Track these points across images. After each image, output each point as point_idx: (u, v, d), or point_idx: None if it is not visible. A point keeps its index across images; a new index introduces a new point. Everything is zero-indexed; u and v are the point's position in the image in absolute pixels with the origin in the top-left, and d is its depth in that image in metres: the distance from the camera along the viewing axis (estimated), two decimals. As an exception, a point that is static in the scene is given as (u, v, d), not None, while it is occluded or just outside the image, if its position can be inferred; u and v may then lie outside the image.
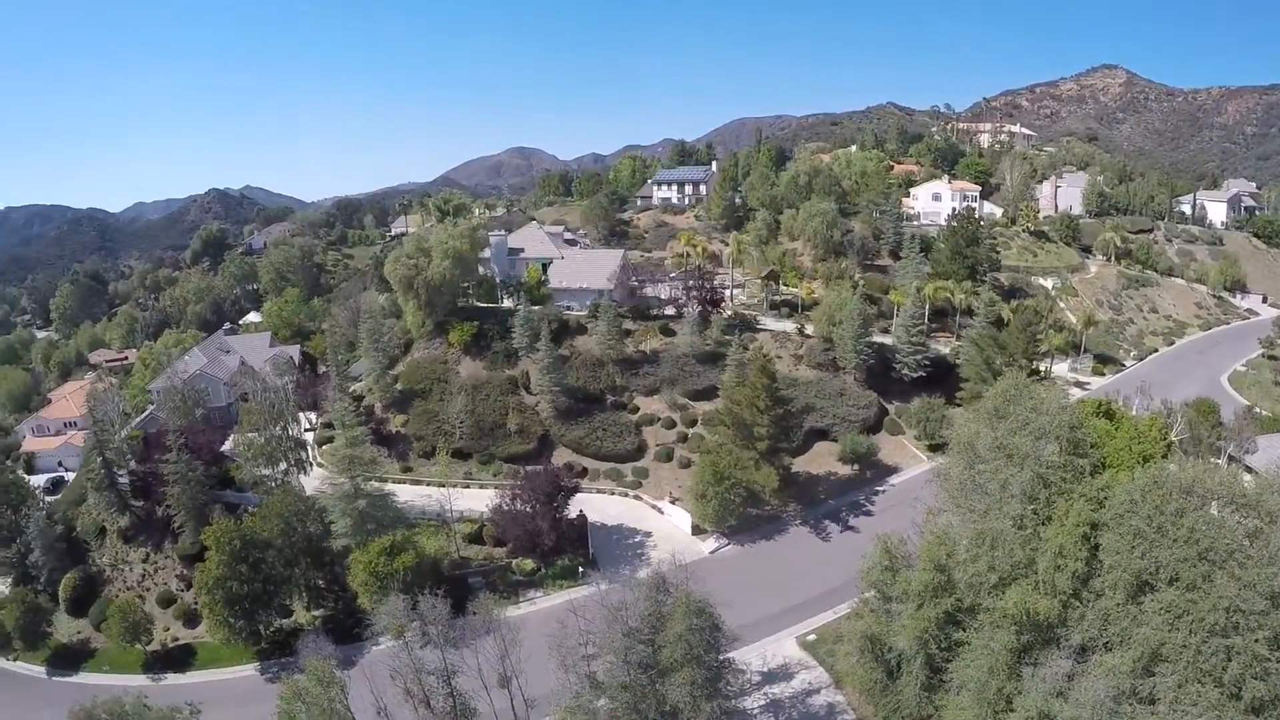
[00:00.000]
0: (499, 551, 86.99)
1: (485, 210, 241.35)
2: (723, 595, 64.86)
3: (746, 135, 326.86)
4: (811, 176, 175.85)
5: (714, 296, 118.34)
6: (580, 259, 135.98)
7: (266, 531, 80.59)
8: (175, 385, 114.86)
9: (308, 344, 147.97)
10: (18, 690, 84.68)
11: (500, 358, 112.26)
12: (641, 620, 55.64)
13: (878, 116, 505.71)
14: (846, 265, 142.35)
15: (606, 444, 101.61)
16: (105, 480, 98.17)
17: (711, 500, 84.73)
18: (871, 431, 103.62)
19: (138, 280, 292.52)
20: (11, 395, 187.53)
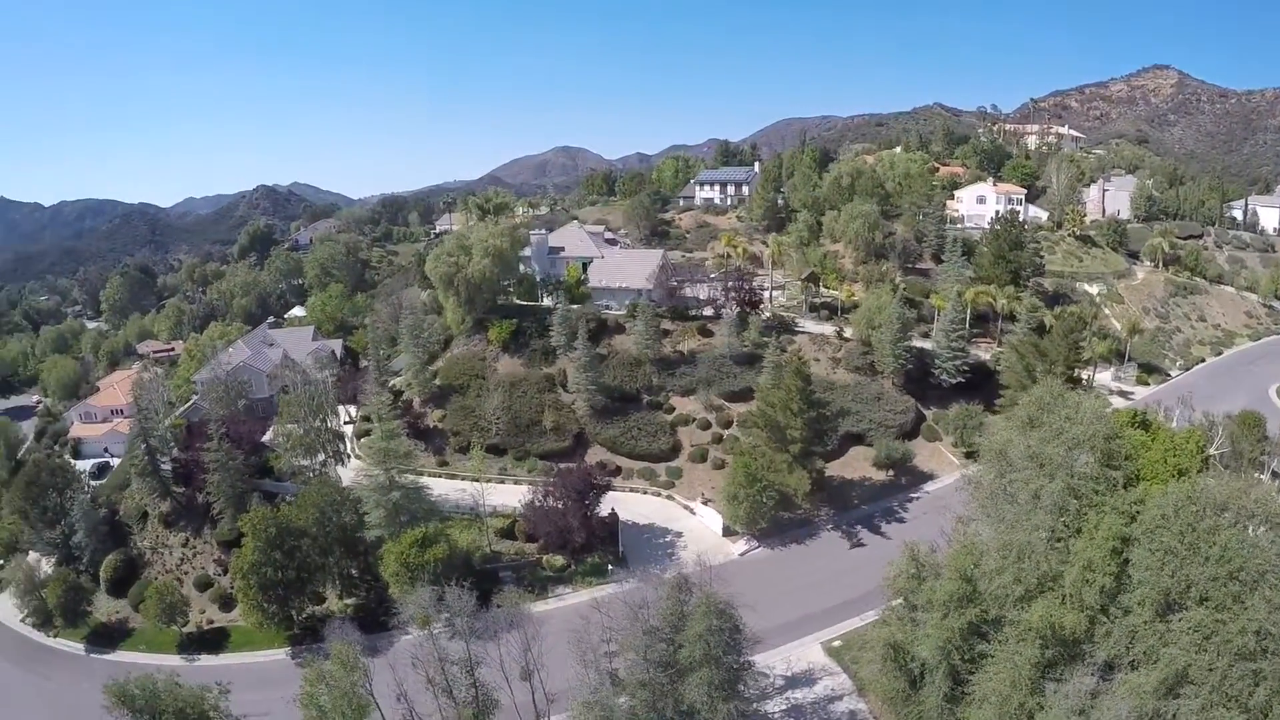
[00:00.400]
0: (530, 547, 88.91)
1: (529, 209, 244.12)
2: (749, 597, 65.72)
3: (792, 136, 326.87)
4: (854, 178, 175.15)
5: (752, 298, 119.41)
6: (620, 258, 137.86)
7: (302, 520, 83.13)
8: (219, 376, 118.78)
9: (350, 339, 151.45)
10: (57, 665, 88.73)
11: (538, 355, 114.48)
12: (663, 619, 56.76)
13: (924, 118, 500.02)
14: (887, 268, 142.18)
15: (641, 443, 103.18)
16: (148, 466, 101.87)
17: (743, 502, 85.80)
18: (908, 437, 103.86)
19: (186, 274, 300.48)
20: (62, 383, 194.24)
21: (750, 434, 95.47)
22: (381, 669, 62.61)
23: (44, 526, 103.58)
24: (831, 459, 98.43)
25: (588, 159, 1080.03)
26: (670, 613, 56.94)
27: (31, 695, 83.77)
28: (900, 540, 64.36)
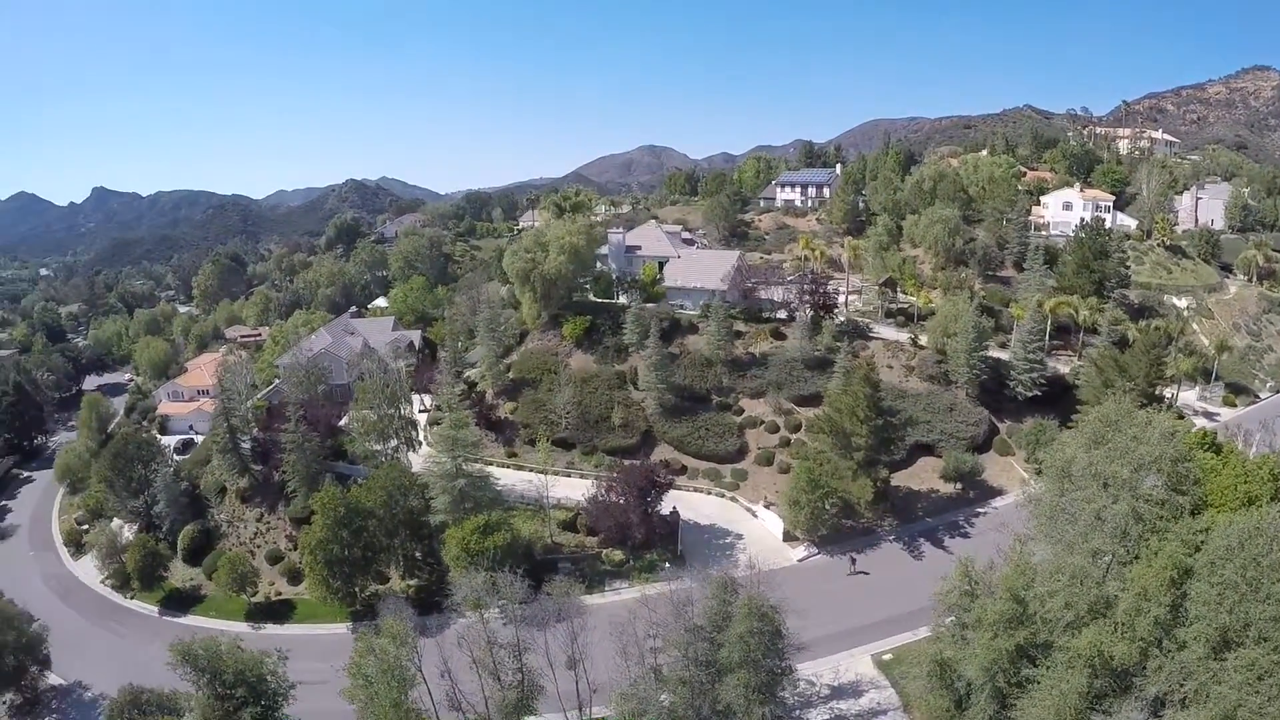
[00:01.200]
0: (591, 541, 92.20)
1: (611, 207, 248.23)
2: (803, 604, 67.21)
3: (879, 138, 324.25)
4: (936, 181, 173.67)
5: (826, 301, 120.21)
6: (696, 258, 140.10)
7: (370, 502, 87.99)
8: (300, 362, 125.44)
9: (430, 330, 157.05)
10: (131, 625, 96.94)
11: (610, 353, 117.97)
12: (706, 618, 58.90)
13: (1013, 120, 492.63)
14: (967, 275, 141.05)
15: (708, 444, 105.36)
16: (229, 444, 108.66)
17: (804, 508, 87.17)
18: (979, 450, 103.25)
19: (274, 263, 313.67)
20: (153, 363, 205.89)
21: (816, 439, 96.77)
22: (432, 648, 66.10)
23: (128, 496, 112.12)
24: (899, 469, 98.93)
25: (673, 158, 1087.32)
26: (714, 612, 58.99)
27: (104, 650, 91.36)
28: (962, 556, 64.75)
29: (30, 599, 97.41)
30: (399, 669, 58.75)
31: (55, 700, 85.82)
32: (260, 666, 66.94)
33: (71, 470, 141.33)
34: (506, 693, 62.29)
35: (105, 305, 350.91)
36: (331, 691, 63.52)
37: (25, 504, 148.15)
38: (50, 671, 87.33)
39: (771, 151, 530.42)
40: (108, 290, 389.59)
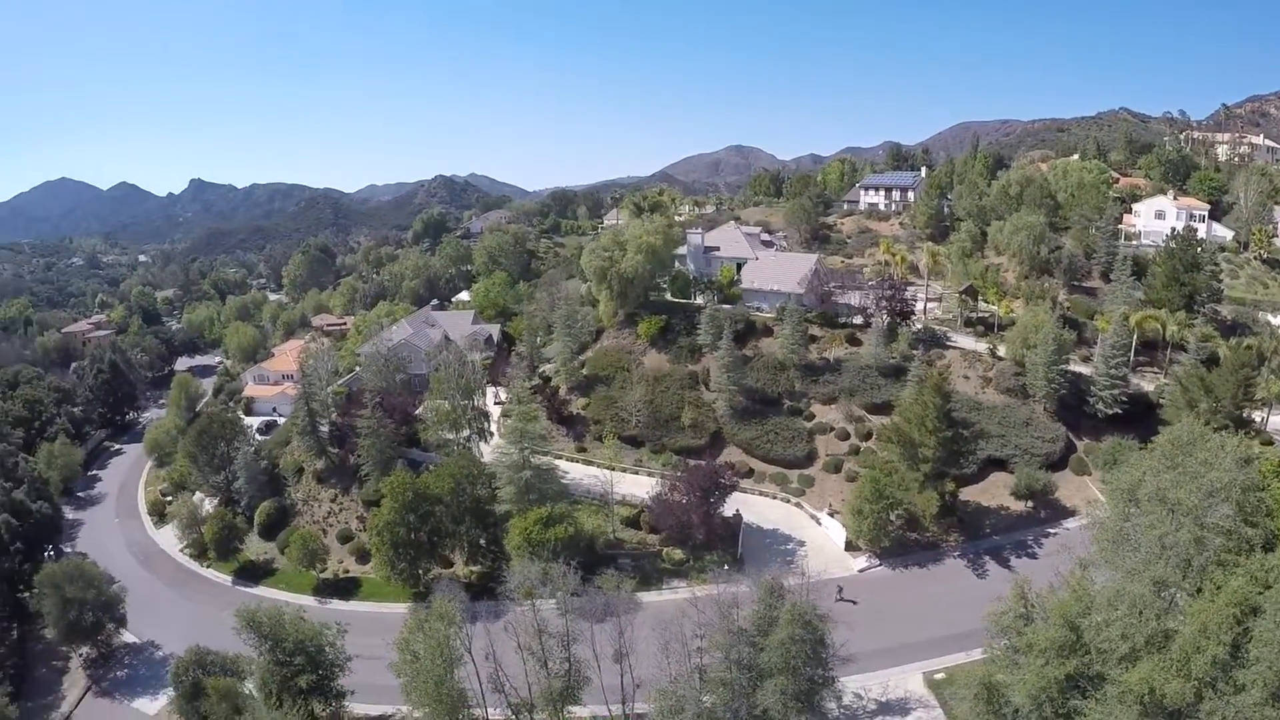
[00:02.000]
0: (653, 539, 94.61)
1: (695, 207, 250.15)
2: (857, 616, 68.65)
3: (969, 140, 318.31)
4: (1023, 186, 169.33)
5: (904, 308, 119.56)
6: (774, 261, 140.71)
7: (439, 488, 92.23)
8: (380, 351, 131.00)
9: (509, 325, 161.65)
10: (206, 592, 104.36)
11: (684, 352, 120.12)
12: (751, 621, 60.32)
13: (1108, 123, 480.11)
14: (1051, 285, 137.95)
15: (777, 448, 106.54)
16: (309, 427, 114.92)
17: (867, 517, 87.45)
18: (1054, 468, 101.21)
19: (362, 255, 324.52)
20: (242, 347, 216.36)
21: (885, 448, 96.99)
22: (486, 632, 68.73)
23: (211, 471, 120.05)
24: (969, 483, 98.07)
25: (760, 158, 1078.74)
26: (759, 616, 60.42)
27: (177, 614, 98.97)
28: (1021, 577, 64.14)
29: (113, 562, 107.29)
30: (446, 648, 61.55)
31: (128, 656, 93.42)
32: (320, 637, 71.73)
33: (159, 445, 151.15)
34: (553, 681, 64.62)
35: (199, 291, 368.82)
36: (386, 667, 66.81)
37: (114, 475, 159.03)
38: (125, 630, 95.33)
39: (859, 153, 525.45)
40: (202, 277, 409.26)
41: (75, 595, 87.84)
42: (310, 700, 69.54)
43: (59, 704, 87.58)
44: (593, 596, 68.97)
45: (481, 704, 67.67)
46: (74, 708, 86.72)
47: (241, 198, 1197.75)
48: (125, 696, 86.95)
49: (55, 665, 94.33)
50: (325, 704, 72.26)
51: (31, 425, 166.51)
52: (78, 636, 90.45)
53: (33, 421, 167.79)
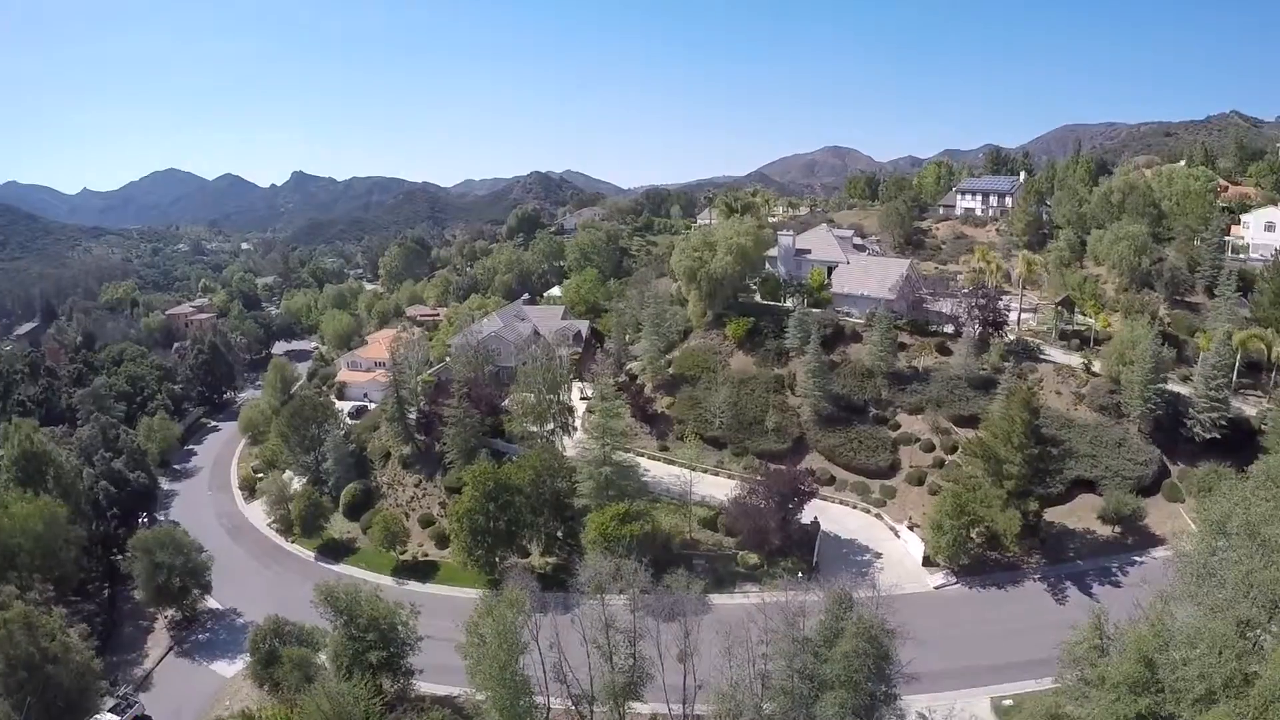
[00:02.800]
0: (729, 541, 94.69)
1: (789, 209, 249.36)
2: (929, 634, 67.57)
3: (1071, 144, 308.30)
4: (1125, 194, 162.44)
5: (997, 318, 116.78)
6: (864, 266, 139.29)
7: (519, 479, 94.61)
8: (470, 343, 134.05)
9: (598, 321, 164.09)
10: (289, 565, 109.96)
11: (771, 355, 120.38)
12: (818, 631, 59.97)
13: (1218, 127, 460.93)
14: (1151, 298, 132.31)
15: (860, 457, 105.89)
16: (397, 414, 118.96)
17: (947, 533, 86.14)
18: (1145, 493, 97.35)
19: (457, 249, 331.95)
20: (337, 334, 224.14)
21: (970, 463, 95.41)
22: (551, 623, 70.31)
23: (301, 451, 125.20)
24: (1055, 504, 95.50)
25: (857, 160, 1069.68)
26: (825, 626, 59.91)
27: (260, 584, 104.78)
28: (1110, 605, 62.01)
29: (203, 532, 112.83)
30: (513, 634, 62.86)
31: (210, 621, 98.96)
32: (393, 616, 74.30)
33: (253, 424, 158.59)
34: (616, 676, 65.57)
35: (298, 279, 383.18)
36: (454, 648, 68.60)
37: (210, 450, 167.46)
38: (210, 596, 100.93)
39: (958, 156, 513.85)
40: (301, 265, 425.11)
41: (165, 560, 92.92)
42: (379, 675, 72.13)
43: (142, 661, 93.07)
44: (662, 595, 69.48)
45: (544, 692, 69.15)
46: (156, 665, 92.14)
47: (341, 190, 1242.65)
48: (205, 659, 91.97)
49: (141, 625, 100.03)
50: (393, 680, 74.92)
51: (134, 400, 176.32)
52: (164, 599, 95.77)
53: (135, 396, 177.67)
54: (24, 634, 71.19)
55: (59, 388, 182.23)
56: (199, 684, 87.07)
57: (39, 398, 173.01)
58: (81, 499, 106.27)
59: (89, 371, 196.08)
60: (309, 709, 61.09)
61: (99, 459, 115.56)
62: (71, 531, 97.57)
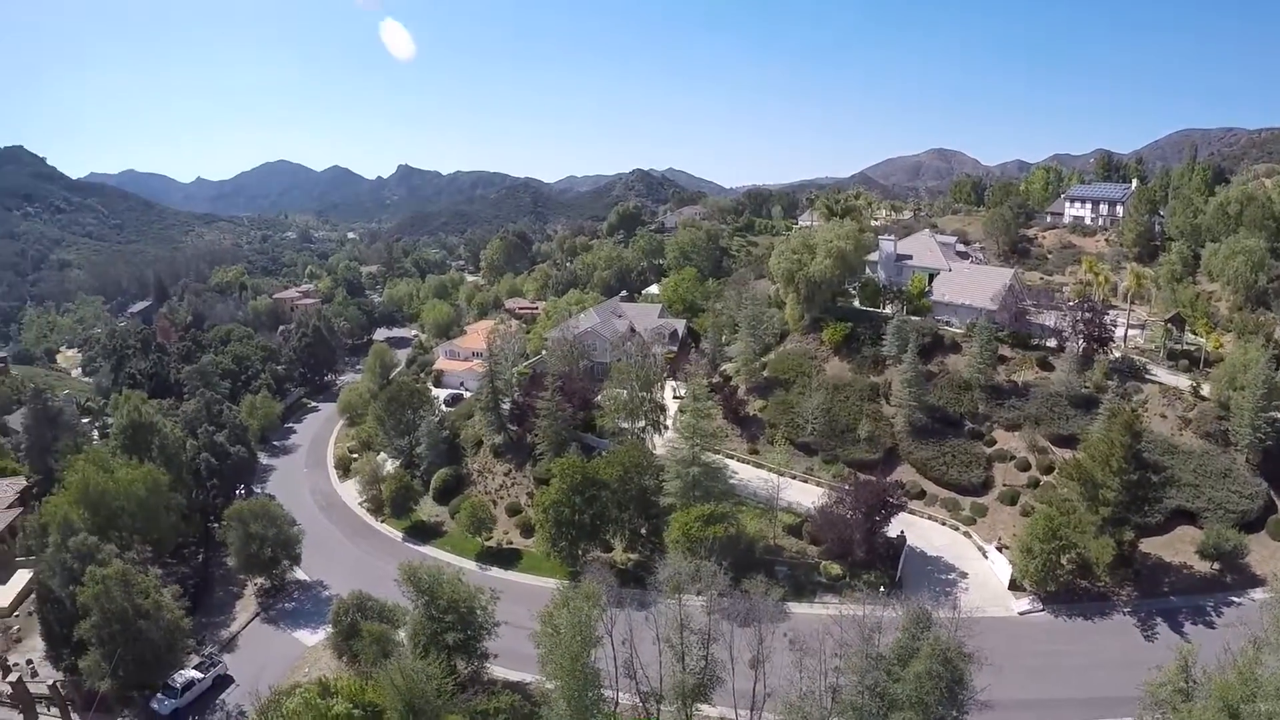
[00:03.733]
0: (813, 550, 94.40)
1: (892, 212, 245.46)
2: (1009, 661, 66.42)
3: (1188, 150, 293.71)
4: (1243, 205, 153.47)
5: (1102, 334, 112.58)
6: (967, 274, 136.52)
7: (607, 475, 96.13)
8: (566, 337, 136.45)
9: (695, 320, 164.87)
10: (376, 543, 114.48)
11: (867, 362, 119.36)
12: (893, 649, 59.44)
13: None
14: (1268, 319, 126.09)
15: (952, 472, 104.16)
16: (491, 404, 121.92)
17: (1036, 557, 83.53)
18: (1249, 529, 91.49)
19: (557, 244, 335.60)
20: (437, 323, 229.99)
21: (1065, 485, 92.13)
22: (626, 619, 70.28)
23: (396, 435, 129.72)
24: (1152, 534, 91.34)
25: (963, 163, 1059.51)
26: (900, 644, 59.37)
27: (348, 560, 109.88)
28: (1203, 646, 59.88)
29: (297, 506, 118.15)
30: (586, 626, 63.31)
31: (297, 592, 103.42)
32: (473, 600, 76.22)
33: (351, 406, 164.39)
34: (686, 677, 65.90)
35: (401, 268, 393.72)
36: (528, 636, 69.35)
37: (308, 429, 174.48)
38: (298, 567, 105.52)
39: (1068, 161, 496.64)
40: (404, 255, 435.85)
41: (258, 531, 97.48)
42: (454, 656, 74.28)
43: (229, 624, 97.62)
44: (740, 599, 70.01)
45: (613, 686, 69.81)
46: (242, 628, 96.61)
47: (446, 183, 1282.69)
48: (289, 626, 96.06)
49: (232, 590, 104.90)
50: (468, 662, 76.84)
51: (238, 378, 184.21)
52: (255, 568, 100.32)
53: (239, 375, 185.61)
54: (120, 590, 75.77)
55: (168, 363, 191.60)
56: (281, 649, 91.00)
57: (149, 371, 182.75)
58: (183, 469, 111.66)
59: (197, 349, 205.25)
60: (383, 682, 63.13)
61: (202, 432, 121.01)
62: (172, 498, 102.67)
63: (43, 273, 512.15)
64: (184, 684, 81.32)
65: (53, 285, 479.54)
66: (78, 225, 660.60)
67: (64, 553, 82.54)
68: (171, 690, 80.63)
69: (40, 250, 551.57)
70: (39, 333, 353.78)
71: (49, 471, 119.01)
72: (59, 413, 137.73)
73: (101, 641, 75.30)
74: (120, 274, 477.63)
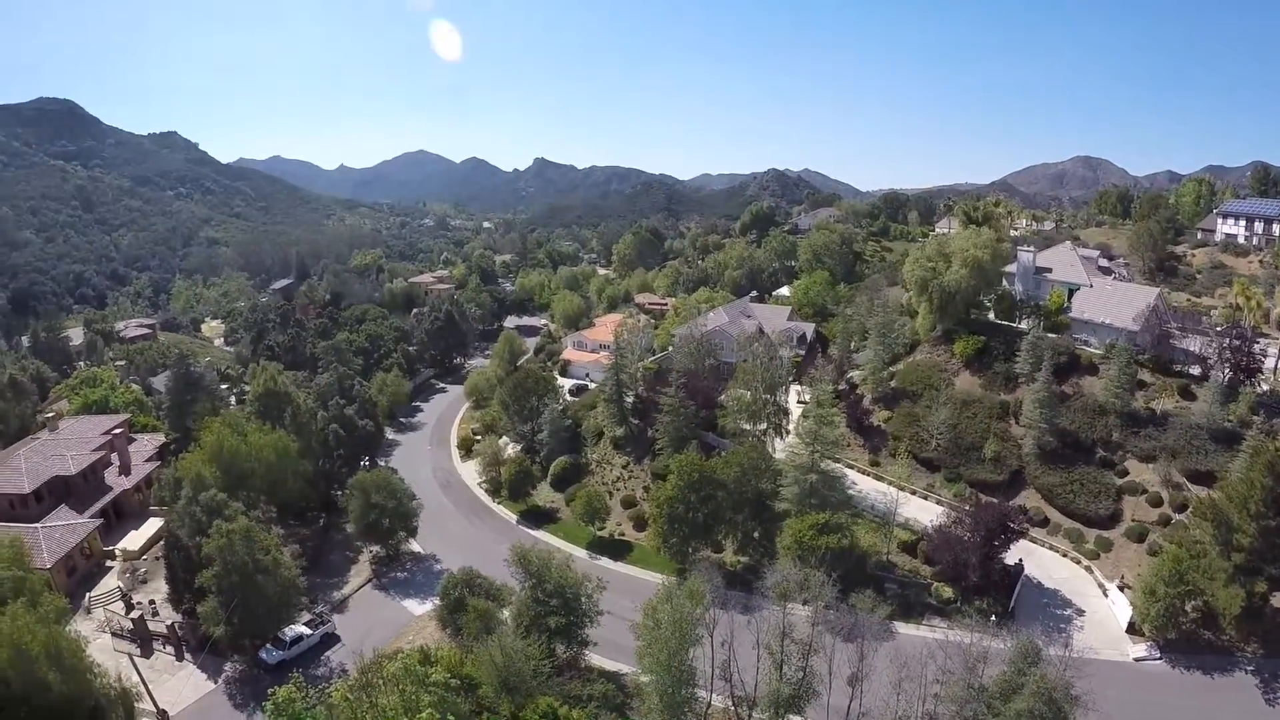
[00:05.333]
0: (926, 570, 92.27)
1: (1033, 222, 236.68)
2: (1118, 708, 64.49)
3: None
4: None
5: (1250, 364, 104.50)
6: (1108, 291, 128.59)
7: (724, 475, 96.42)
8: (694, 335, 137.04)
9: (824, 325, 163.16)
10: (491, 524, 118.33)
11: (998, 379, 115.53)
12: (996, 682, 58.12)
13: None
14: None
15: (1079, 501, 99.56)
16: (615, 396, 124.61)
17: (1160, 601, 78.63)
18: None
19: (689, 241, 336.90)
20: (566, 314, 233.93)
21: (1198, 526, 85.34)
22: (728, 621, 70.43)
23: (519, 420, 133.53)
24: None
25: (1109, 172, 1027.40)
26: (1005, 678, 58.06)
27: (462, 536, 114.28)
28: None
29: (418, 481, 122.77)
30: (687, 624, 64.06)
31: (410, 563, 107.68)
32: (579, 586, 78.06)
33: (478, 389, 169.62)
34: (783, 686, 65.44)
35: (533, 259, 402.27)
36: (629, 628, 70.99)
37: (435, 409, 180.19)
38: (414, 540, 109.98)
39: (1223, 174, 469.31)
40: (538, 246, 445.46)
41: (378, 501, 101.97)
42: (554, 640, 76.03)
43: (342, 586, 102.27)
44: (846, 613, 69.47)
45: (708, 687, 70.02)
46: (354, 592, 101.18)
47: (581, 177, 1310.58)
48: (399, 595, 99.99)
49: (348, 555, 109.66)
50: (567, 647, 78.49)
51: (371, 356, 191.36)
52: (372, 536, 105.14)
53: (372, 353, 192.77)
54: (243, 544, 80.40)
55: (305, 338, 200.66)
56: (389, 615, 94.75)
57: (286, 345, 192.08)
58: (313, 438, 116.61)
59: (333, 327, 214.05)
60: (482, 658, 65.27)
61: (333, 404, 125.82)
62: (299, 464, 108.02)
63: (192, 248, 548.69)
64: (293, 638, 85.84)
65: (201, 260, 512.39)
66: (226, 206, 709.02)
67: (194, 506, 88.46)
68: (280, 643, 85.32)
69: (191, 228, 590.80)
70: (186, 303, 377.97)
71: (186, 431, 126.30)
72: (200, 378, 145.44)
73: (220, 590, 79.90)
74: (265, 253, 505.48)
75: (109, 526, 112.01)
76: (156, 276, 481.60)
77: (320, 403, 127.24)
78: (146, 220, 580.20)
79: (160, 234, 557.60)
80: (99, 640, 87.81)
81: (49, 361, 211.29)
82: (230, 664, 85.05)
